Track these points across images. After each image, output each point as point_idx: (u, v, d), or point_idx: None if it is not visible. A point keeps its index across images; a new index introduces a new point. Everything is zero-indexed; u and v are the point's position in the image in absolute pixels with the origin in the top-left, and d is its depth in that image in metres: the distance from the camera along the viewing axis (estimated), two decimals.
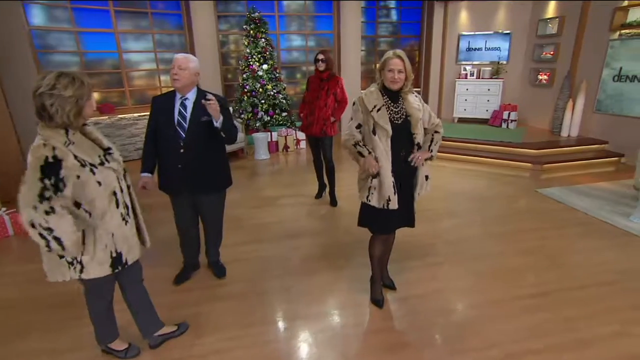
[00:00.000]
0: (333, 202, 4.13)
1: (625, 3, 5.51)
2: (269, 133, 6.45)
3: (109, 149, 1.71)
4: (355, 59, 7.88)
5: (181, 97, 2.32)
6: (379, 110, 2.06)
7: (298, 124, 6.33)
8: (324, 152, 3.96)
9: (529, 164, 5.36)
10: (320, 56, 3.80)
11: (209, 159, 2.41)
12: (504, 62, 7.49)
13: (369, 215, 2.26)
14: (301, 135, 6.65)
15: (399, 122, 2.08)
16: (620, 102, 5.60)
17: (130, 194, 1.81)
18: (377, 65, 2.13)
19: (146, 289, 2.04)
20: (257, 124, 6.53)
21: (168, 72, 7.00)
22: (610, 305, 2.43)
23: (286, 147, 6.58)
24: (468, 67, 7.65)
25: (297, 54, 7.95)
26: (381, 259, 2.47)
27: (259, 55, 6.39)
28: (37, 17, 5.51)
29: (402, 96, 2.12)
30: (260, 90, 6.43)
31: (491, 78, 7.43)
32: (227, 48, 7.56)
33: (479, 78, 7.51)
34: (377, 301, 2.43)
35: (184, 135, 2.33)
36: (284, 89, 6.75)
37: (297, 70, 8.05)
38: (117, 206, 1.68)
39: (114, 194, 1.67)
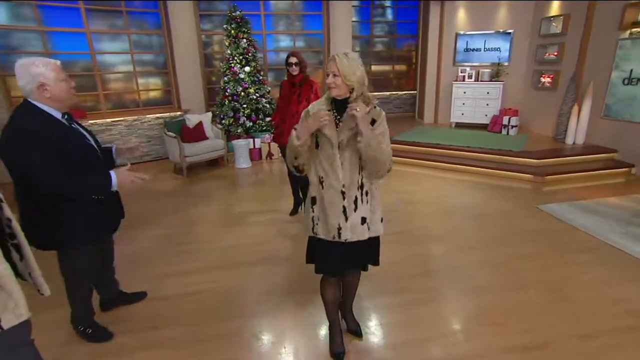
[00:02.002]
0: None
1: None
2: (251, 140, 6.04)
3: None
4: None
5: (64, 115, 1.84)
6: None
7: None
8: None
9: (530, 175, 4.90)
10: (293, 59, 3.41)
11: None
12: (505, 64, 7.02)
13: (312, 249, 1.86)
14: None
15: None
16: (631, 107, 5.12)
17: (12, 234, 1.40)
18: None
19: (38, 351, 1.60)
20: (239, 130, 6.12)
21: (148, 75, 6.67)
22: None
23: (270, 155, 6.16)
24: (466, 69, 7.19)
25: (285, 55, 7.51)
26: (342, 303, 2.04)
27: (241, 57, 5.98)
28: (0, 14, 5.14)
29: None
30: (242, 94, 6.02)
31: (491, 80, 6.97)
32: (211, 49, 7.17)
33: (477, 80, 7.06)
34: (337, 355, 1.99)
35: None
36: (268, 92, 6.33)
37: (284, 72, 7.60)
38: None
39: None
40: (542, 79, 6.53)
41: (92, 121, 5.63)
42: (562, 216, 3.75)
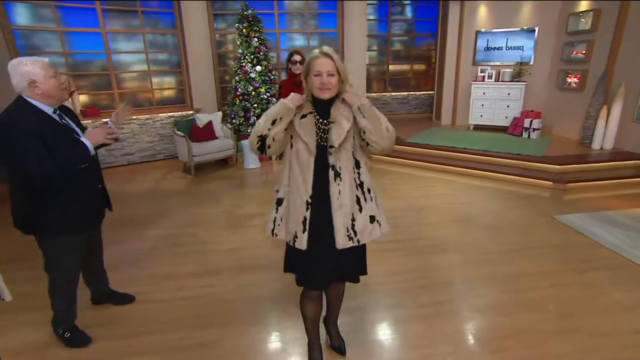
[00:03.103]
0: None
1: None
2: None
3: None
4: (360, 59, 7.26)
5: (56, 111, 1.89)
6: (303, 117, 1.56)
7: None
8: None
9: (551, 182, 4.60)
10: (297, 57, 3.30)
11: None
12: (529, 63, 6.65)
13: (292, 258, 1.73)
14: None
15: (325, 142, 1.55)
16: None
17: None
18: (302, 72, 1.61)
19: None
20: (249, 130, 6.07)
21: (162, 74, 6.74)
22: None
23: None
24: (486, 69, 6.86)
25: None
26: (326, 317, 1.92)
27: (252, 56, 5.92)
28: (22, 16, 5.29)
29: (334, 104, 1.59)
30: (253, 93, 5.97)
31: (512, 81, 6.62)
32: (225, 48, 7.16)
33: (498, 81, 6.72)
34: None
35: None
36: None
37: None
38: None
39: None
40: (568, 79, 6.14)
41: (105, 119, 5.71)
42: (583, 228, 3.47)
